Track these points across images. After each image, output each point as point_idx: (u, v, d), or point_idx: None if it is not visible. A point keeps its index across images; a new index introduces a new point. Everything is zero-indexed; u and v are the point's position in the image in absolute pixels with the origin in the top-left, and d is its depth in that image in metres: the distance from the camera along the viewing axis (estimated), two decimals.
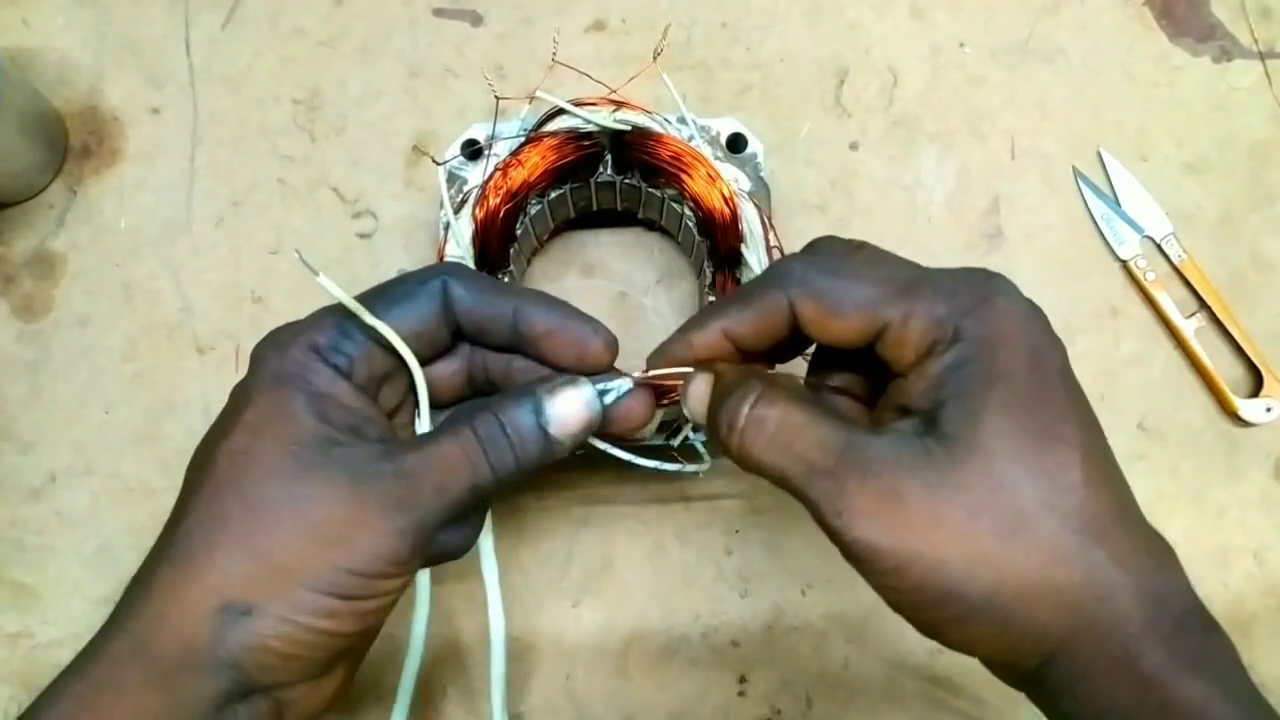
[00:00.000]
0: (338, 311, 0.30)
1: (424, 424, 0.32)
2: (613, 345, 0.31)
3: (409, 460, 0.28)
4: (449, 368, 0.33)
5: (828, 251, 0.30)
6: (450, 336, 0.32)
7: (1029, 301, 0.28)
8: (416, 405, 0.32)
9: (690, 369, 0.30)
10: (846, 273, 0.29)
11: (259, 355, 0.30)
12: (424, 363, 0.31)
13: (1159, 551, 0.27)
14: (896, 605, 0.27)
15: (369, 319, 0.30)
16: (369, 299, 0.30)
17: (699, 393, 0.30)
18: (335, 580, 0.27)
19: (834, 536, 0.26)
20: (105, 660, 0.26)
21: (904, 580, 0.25)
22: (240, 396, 0.29)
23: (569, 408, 0.30)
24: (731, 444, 0.27)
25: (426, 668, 0.45)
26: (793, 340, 0.30)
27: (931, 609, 0.26)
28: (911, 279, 0.28)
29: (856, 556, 0.26)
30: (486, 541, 0.35)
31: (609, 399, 0.31)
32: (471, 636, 0.45)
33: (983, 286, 0.28)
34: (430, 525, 0.28)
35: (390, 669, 0.44)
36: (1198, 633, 0.26)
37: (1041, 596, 0.25)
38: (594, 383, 0.31)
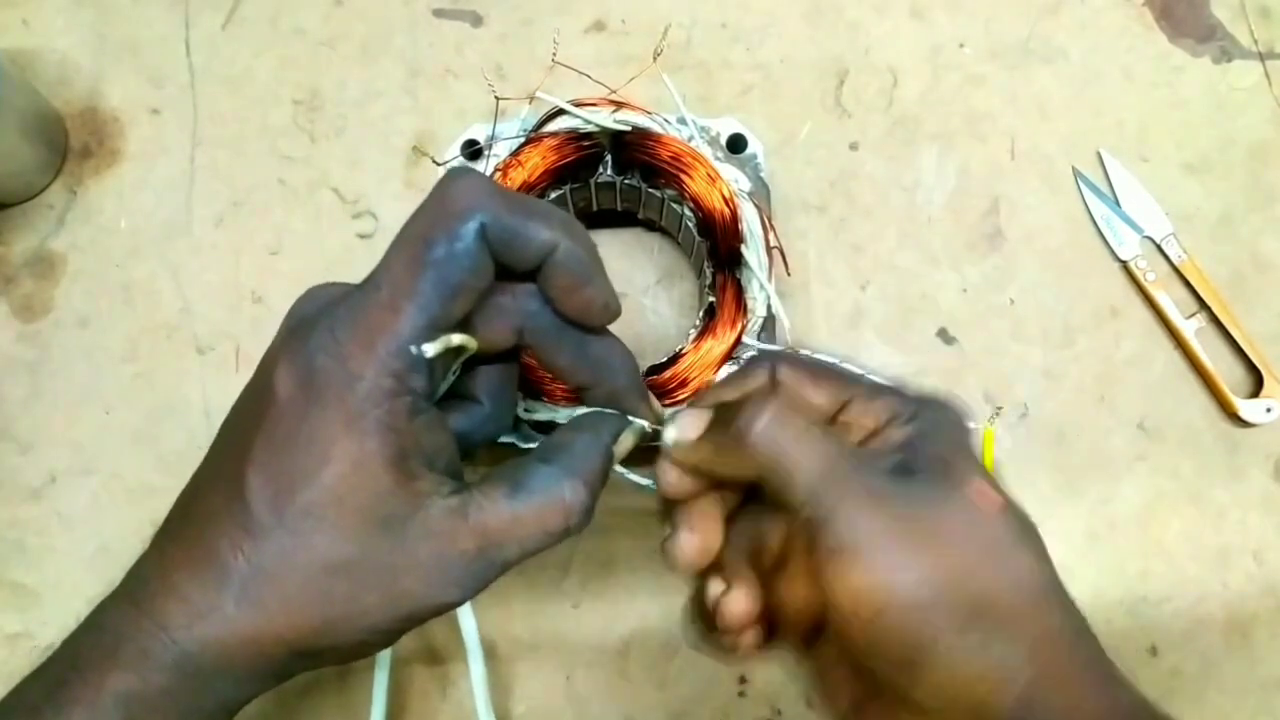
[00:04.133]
0: (380, 310, 0.26)
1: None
2: (616, 314, 0.31)
3: (492, 534, 0.28)
4: (500, 326, 0.30)
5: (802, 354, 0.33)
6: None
7: (969, 429, 0.31)
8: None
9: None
10: (825, 361, 0.32)
11: (325, 372, 0.26)
12: (469, 319, 0.28)
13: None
14: (870, 642, 0.27)
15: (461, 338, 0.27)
16: (410, 290, 0.26)
17: (694, 419, 0.30)
18: (398, 626, 0.28)
19: (833, 542, 0.26)
20: (163, 671, 0.26)
21: (888, 599, 0.26)
22: (308, 429, 0.26)
23: (626, 449, 0.32)
24: (748, 444, 0.28)
25: (414, 675, 0.45)
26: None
27: (905, 641, 0.26)
28: (875, 380, 0.31)
29: (849, 568, 0.26)
30: None
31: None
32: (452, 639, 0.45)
33: (937, 397, 0.30)
34: (493, 580, 0.29)
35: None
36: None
37: (1021, 623, 0.26)
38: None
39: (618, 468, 0.33)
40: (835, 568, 0.26)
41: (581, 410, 0.33)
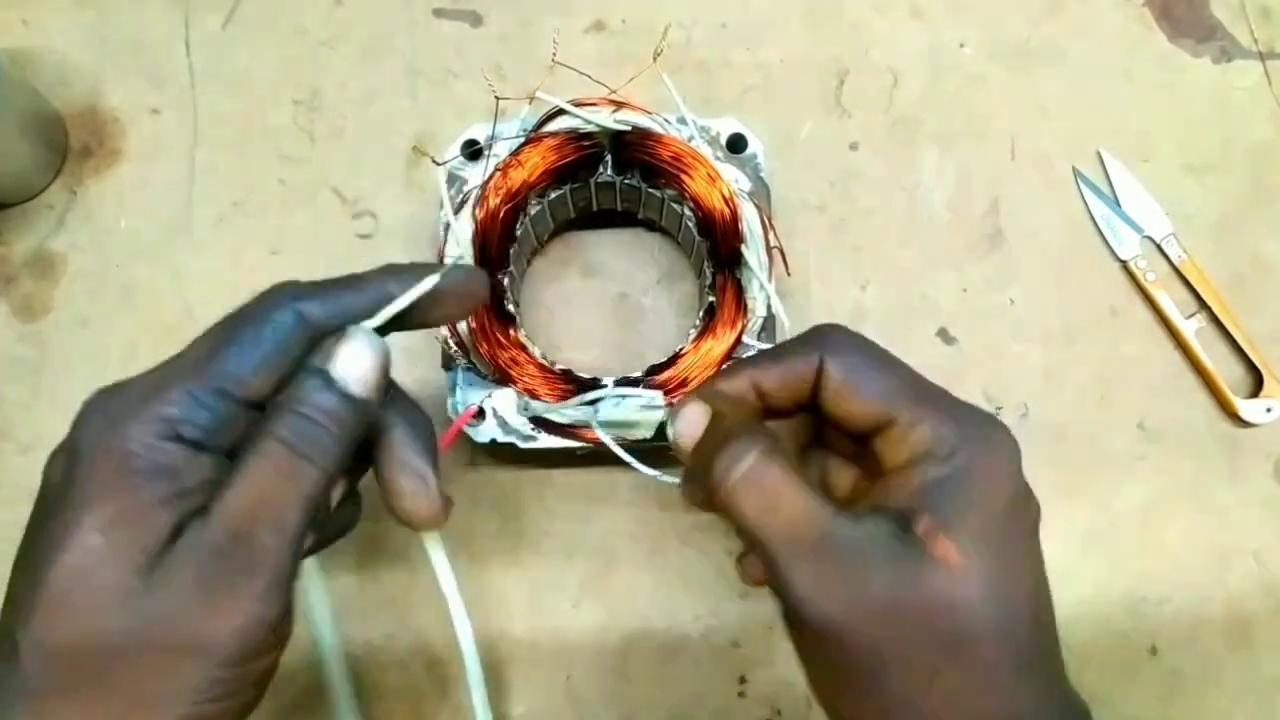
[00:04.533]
0: (170, 371, 0.26)
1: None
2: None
3: (234, 515, 0.25)
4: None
5: (855, 337, 0.30)
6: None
7: (1019, 455, 0.28)
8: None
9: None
10: (876, 359, 0.30)
11: (89, 432, 0.25)
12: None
13: (1076, 710, 0.28)
14: (817, 681, 0.28)
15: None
16: (208, 356, 0.27)
17: (692, 419, 0.30)
18: (213, 682, 0.24)
19: (792, 604, 0.26)
20: None
21: (839, 658, 0.26)
22: (72, 493, 0.24)
23: (356, 362, 0.27)
24: (720, 493, 0.27)
25: (414, 675, 0.45)
26: (810, 408, 0.30)
27: (852, 696, 0.27)
28: (926, 390, 0.29)
29: (807, 627, 0.26)
30: (437, 553, 0.33)
31: (429, 283, 0.29)
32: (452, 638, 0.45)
33: (986, 425, 0.28)
34: (286, 569, 0.26)
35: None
36: None
37: (965, 716, 0.26)
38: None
39: (636, 464, 0.33)
40: (797, 624, 0.27)
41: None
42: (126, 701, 0.24)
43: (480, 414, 0.41)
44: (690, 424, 0.30)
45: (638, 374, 0.42)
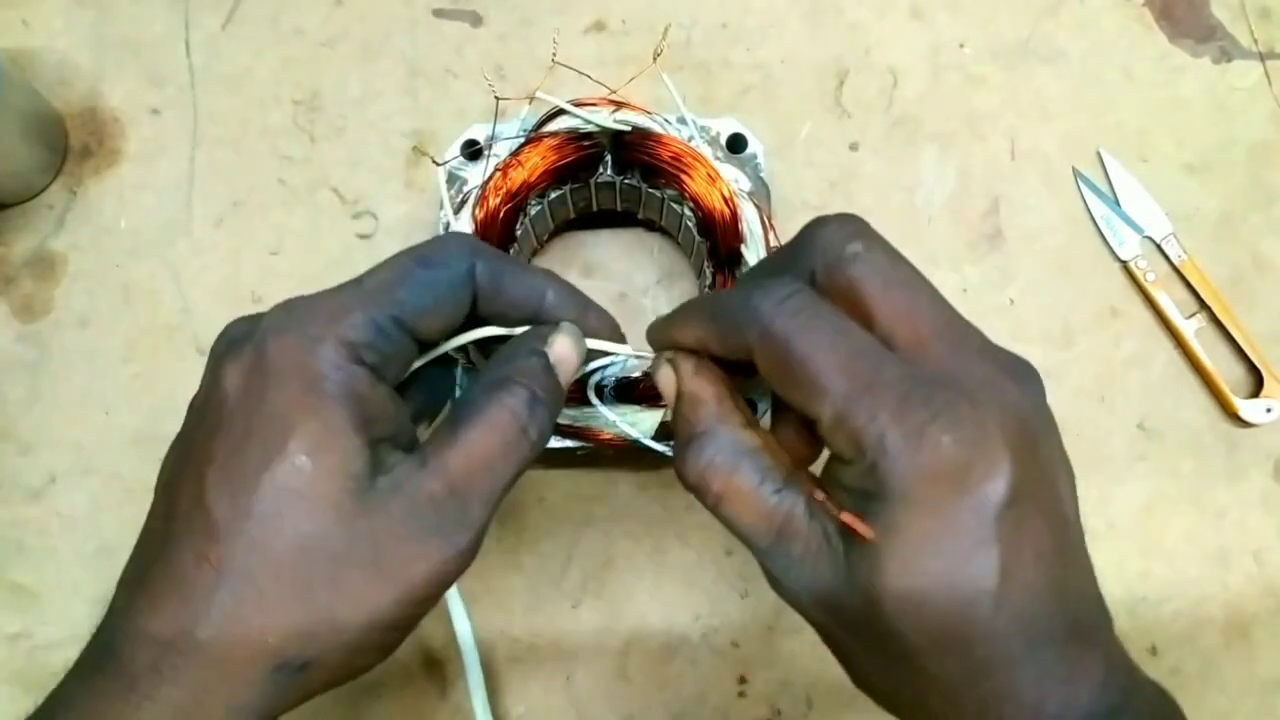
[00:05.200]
0: (351, 295, 0.27)
1: None
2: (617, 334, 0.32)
3: (455, 471, 0.26)
4: None
5: (819, 259, 0.26)
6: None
7: (992, 429, 0.24)
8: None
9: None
10: (818, 330, 0.25)
11: (279, 348, 0.25)
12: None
13: (1128, 688, 0.25)
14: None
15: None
16: (389, 286, 0.27)
17: (664, 383, 0.30)
18: (394, 615, 0.26)
19: (773, 587, 0.27)
20: None
21: (825, 640, 0.28)
22: (267, 409, 0.25)
23: (569, 356, 0.30)
24: (687, 488, 0.28)
25: (413, 675, 0.45)
26: None
27: (855, 677, 0.28)
28: (869, 370, 0.24)
29: (785, 599, 0.27)
30: None
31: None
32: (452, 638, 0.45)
33: (943, 411, 0.23)
34: (482, 531, 0.27)
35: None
36: None
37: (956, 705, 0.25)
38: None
39: (644, 439, 0.33)
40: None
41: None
42: (317, 615, 0.24)
43: None
44: (664, 387, 0.30)
45: (638, 374, 0.42)
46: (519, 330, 0.30)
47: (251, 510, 0.24)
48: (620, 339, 0.33)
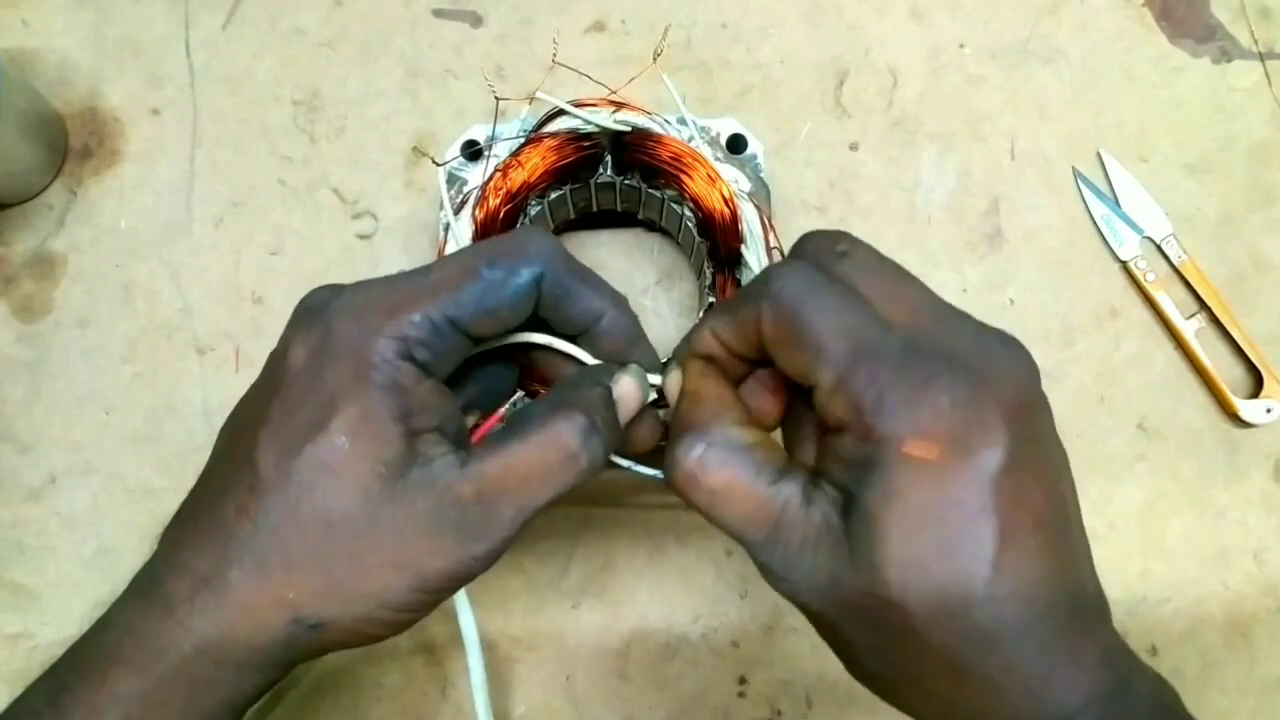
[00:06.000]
0: (414, 289, 0.27)
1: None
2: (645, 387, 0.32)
3: (490, 479, 0.27)
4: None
5: (812, 258, 0.28)
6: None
7: (977, 412, 0.24)
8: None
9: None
10: (822, 303, 0.26)
11: (341, 331, 0.27)
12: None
13: (1125, 678, 0.25)
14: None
15: (565, 347, 0.30)
16: (453, 285, 0.27)
17: (670, 386, 0.30)
18: (406, 599, 0.27)
19: (766, 580, 0.27)
20: (165, 659, 0.26)
21: (819, 631, 0.28)
22: (320, 386, 0.26)
23: (631, 396, 0.30)
24: (673, 486, 0.28)
25: (414, 675, 0.45)
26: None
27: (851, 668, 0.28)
28: (870, 345, 0.25)
29: (783, 593, 0.27)
30: None
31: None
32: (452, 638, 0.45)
33: (933, 386, 0.24)
34: (504, 543, 0.28)
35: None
36: None
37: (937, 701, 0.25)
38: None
39: (625, 463, 0.33)
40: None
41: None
42: (334, 583, 0.26)
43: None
44: (669, 392, 0.30)
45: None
46: (559, 343, 0.31)
47: (290, 475, 0.26)
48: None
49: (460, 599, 0.36)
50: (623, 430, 0.30)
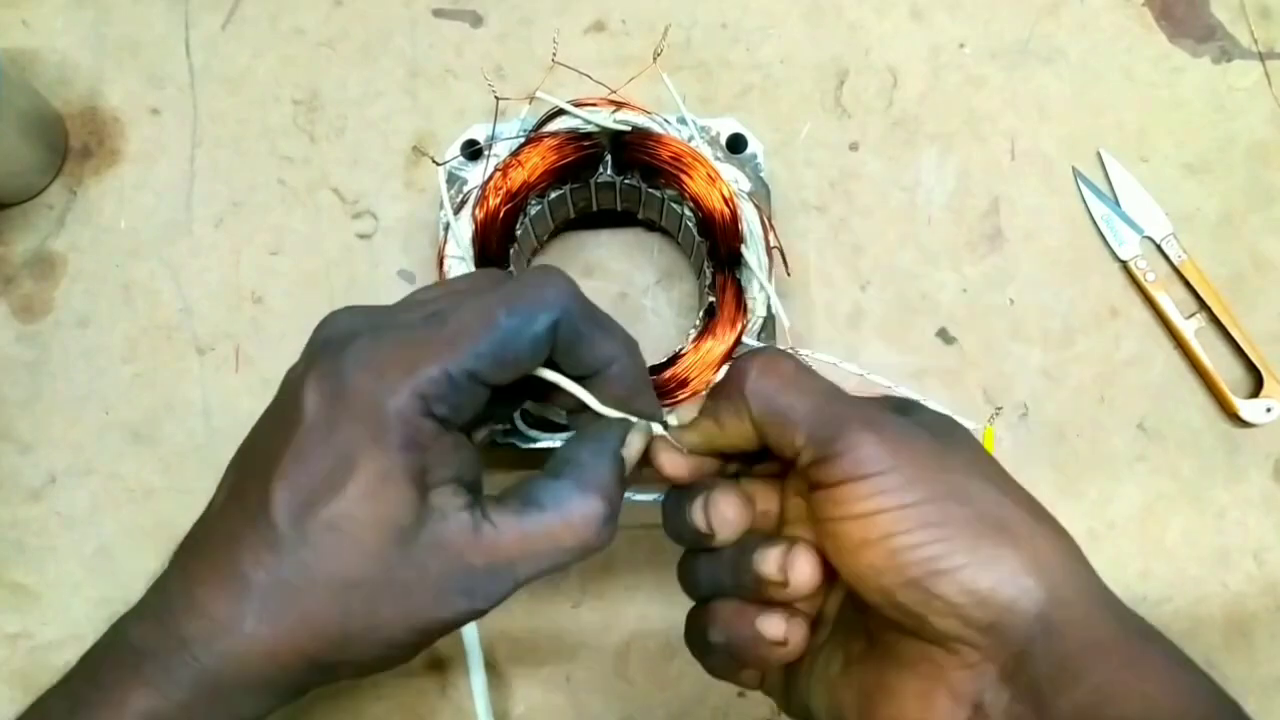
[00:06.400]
0: (433, 342, 0.27)
1: None
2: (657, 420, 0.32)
3: (501, 551, 0.28)
4: None
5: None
6: None
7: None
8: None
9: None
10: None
11: (357, 386, 0.26)
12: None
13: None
14: (881, 570, 0.28)
15: (578, 391, 0.30)
16: (471, 335, 0.27)
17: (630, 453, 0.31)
18: (414, 640, 0.28)
19: (834, 486, 0.28)
20: (183, 687, 0.26)
21: (898, 521, 0.27)
22: (335, 443, 0.26)
23: (637, 452, 0.31)
24: (746, 381, 0.29)
25: (414, 675, 0.45)
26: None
27: (918, 561, 0.27)
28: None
29: (855, 503, 0.28)
30: None
31: None
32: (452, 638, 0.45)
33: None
34: (507, 597, 0.28)
35: None
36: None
37: (1028, 544, 0.27)
38: None
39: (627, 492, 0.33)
40: (841, 501, 0.27)
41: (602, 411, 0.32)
42: (349, 634, 0.27)
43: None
44: (690, 407, 0.33)
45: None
46: (568, 384, 0.31)
47: (307, 536, 0.26)
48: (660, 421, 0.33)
49: None
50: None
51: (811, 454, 0.27)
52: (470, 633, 0.38)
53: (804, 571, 0.29)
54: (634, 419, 0.31)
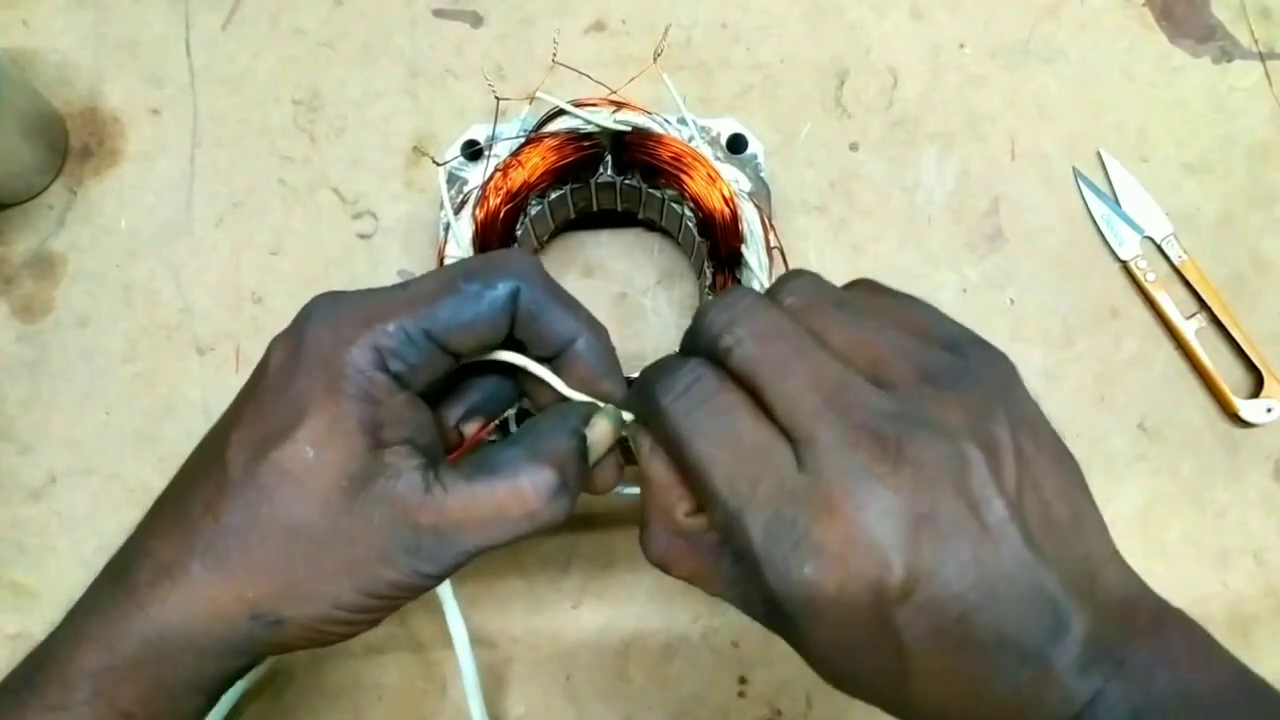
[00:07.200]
0: (391, 300, 0.28)
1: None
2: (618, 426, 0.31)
3: (449, 514, 0.27)
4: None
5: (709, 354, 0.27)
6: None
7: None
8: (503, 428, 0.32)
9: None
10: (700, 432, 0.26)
11: (315, 338, 0.27)
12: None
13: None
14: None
15: (540, 371, 0.30)
16: (429, 298, 0.27)
17: (597, 438, 0.30)
18: (358, 603, 0.28)
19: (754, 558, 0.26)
20: (129, 639, 0.27)
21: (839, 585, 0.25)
22: (292, 391, 0.27)
23: (604, 439, 0.30)
24: (653, 564, 0.29)
25: (414, 675, 0.45)
26: None
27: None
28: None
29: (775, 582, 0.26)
30: None
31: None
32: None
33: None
34: (452, 570, 0.28)
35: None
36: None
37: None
38: None
39: (619, 488, 0.33)
40: (766, 573, 0.24)
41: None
42: (291, 585, 0.27)
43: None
44: (598, 449, 0.30)
45: (637, 375, 0.42)
46: (533, 366, 0.30)
47: (255, 479, 0.26)
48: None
49: (448, 600, 0.36)
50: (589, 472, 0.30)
51: (722, 517, 0.25)
52: (460, 635, 0.38)
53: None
54: (601, 404, 0.31)
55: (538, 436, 0.29)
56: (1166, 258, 0.51)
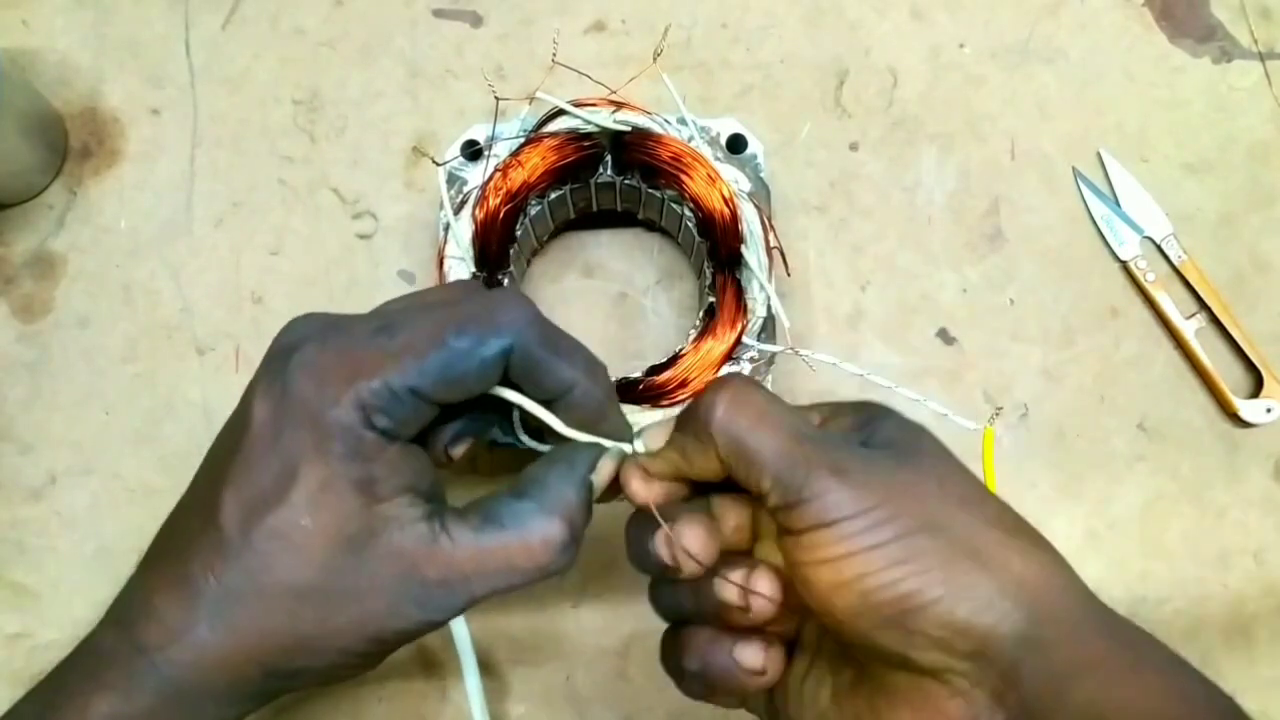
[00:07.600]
0: (377, 353, 0.27)
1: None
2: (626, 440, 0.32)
3: (457, 566, 0.27)
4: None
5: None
6: None
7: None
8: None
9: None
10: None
11: (300, 392, 0.26)
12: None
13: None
14: (858, 613, 0.27)
15: (537, 411, 0.30)
16: (417, 353, 0.27)
17: (600, 477, 0.31)
18: (370, 648, 0.28)
19: (802, 533, 0.27)
20: (145, 693, 0.27)
21: (868, 564, 0.26)
22: (279, 449, 0.26)
23: (606, 476, 0.30)
24: (713, 418, 0.28)
25: (414, 676, 0.45)
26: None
27: (893, 600, 0.26)
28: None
29: (824, 549, 0.27)
30: None
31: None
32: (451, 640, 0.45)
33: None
34: (459, 613, 0.28)
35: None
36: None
37: (1004, 563, 0.26)
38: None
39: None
40: (810, 547, 0.26)
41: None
42: (301, 640, 0.27)
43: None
44: (657, 434, 0.30)
45: (638, 374, 0.42)
46: (530, 405, 0.30)
47: (253, 544, 0.26)
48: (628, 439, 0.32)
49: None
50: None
51: (778, 498, 0.27)
52: (462, 635, 0.38)
53: (763, 600, 0.28)
54: (605, 443, 0.31)
55: (545, 488, 0.29)
56: (1166, 258, 0.51)
